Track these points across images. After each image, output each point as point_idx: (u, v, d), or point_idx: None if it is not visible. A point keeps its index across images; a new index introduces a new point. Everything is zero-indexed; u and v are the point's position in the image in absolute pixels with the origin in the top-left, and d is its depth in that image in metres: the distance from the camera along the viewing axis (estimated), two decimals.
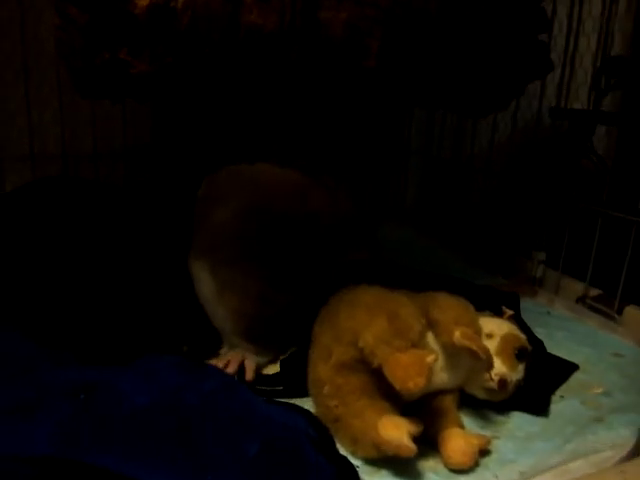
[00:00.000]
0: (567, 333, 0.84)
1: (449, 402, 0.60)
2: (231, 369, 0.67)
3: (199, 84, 0.65)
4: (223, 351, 0.74)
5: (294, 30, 0.62)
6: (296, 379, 0.66)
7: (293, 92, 0.71)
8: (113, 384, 0.56)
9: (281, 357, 0.74)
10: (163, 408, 0.53)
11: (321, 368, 0.59)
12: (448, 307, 0.60)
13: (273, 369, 0.72)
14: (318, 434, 0.56)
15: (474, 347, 0.56)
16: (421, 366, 0.51)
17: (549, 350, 0.77)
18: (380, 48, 0.65)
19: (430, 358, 0.52)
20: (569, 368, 0.73)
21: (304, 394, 0.64)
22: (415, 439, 0.52)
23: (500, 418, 0.64)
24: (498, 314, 0.69)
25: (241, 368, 0.69)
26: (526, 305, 0.91)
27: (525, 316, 0.84)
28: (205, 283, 0.72)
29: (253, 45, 0.61)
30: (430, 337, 0.59)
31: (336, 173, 0.92)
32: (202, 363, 0.64)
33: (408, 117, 1.21)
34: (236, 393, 0.58)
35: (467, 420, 0.62)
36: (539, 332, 0.80)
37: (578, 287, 0.92)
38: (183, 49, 0.60)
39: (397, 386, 0.51)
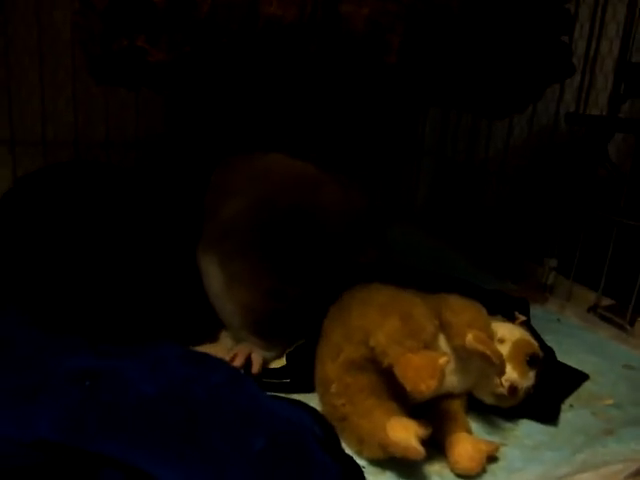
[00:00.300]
0: (577, 342, 0.83)
1: (457, 406, 0.59)
2: (238, 362, 0.67)
3: (216, 74, 0.64)
4: (223, 335, 0.74)
5: (314, 23, 0.61)
6: (302, 372, 0.66)
7: (310, 85, 0.70)
8: (119, 372, 0.56)
9: (287, 350, 0.74)
10: (170, 399, 0.53)
11: (329, 366, 0.58)
12: (461, 310, 0.59)
13: (279, 363, 0.72)
14: (323, 432, 0.56)
15: (487, 351, 0.55)
16: (433, 368, 0.50)
17: (559, 358, 0.75)
18: (401, 44, 0.64)
19: (442, 360, 0.51)
20: (579, 377, 0.72)
21: (310, 388, 0.64)
22: (422, 442, 0.51)
23: (508, 425, 0.63)
24: (509, 319, 0.68)
25: (248, 361, 0.68)
26: (535, 312, 0.89)
27: (534, 323, 0.82)
28: (214, 277, 0.72)
29: (272, 36, 0.60)
30: (442, 339, 0.58)
31: (348, 169, 0.91)
32: (208, 355, 0.63)
33: (422, 116, 1.20)
34: (242, 387, 0.57)
35: (474, 425, 0.61)
36: (548, 339, 0.79)
37: (590, 296, 0.91)
38: (201, 38, 0.59)
39: (408, 387, 0.50)
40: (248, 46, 0.60)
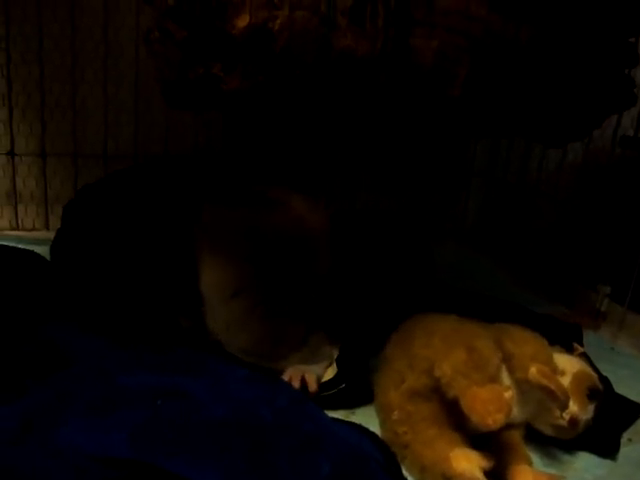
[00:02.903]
0: (633, 372, 0.82)
1: (517, 437, 0.59)
2: (295, 385, 0.68)
3: (287, 101, 0.66)
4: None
5: (385, 55, 0.62)
6: (356, 376, 0.68)
7: (374, 114, 0.71)
8: (188, 392, 0.58)
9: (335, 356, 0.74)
10: (238, 421, 0.54)
11: (392, 393, 0.59)
12: (523, 342, 0.60)
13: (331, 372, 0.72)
14: (384, 459, 0.57)
15: (552, 386, 0.55)
16: (500, 402, 0.51)
17: (614, 389, 0.75)
18: (466, 77, 0.65)
19: (508, 394, 0.52)
20: (636, 410, 0.72)
21: (368, 395, 0.65)
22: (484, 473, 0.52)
23: (566, 457, 0.63)
24: (564, 346, 0.68)
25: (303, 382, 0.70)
26: (588, 339, 0.88)
27: (587, 351, 0.81)
28: (228, 344, 0.72)
29: (344, 68, 0.62)
30: (503, 371, 0.58)
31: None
32: (271, 376, 0.65)
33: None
34: (306, 410, 0.59)
35: (533, 457, 0.61)
36: (603, 369, 0.78)
37: None
38: (276, 69, 0.61)
39: (475, 420, 0.51)
40: (320, 76, 0.62)
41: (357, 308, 0.79)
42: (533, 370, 0.56)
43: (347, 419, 0.64)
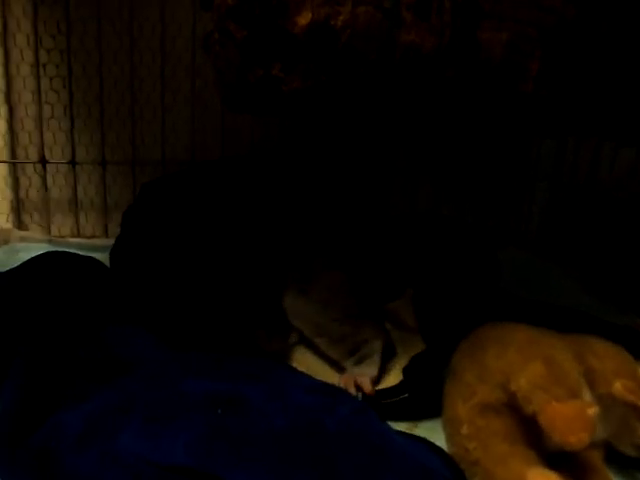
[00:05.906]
0: None
1: (598, 457, 0.55)
2: (351, 391, 0.66)
3: (349, 101, 0.64)
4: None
5: (452, 50, 0.60)
6: (420, 385, 0.65)
7: (440, 112, 0.69)
8: (250, 401, 0.56)
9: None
10: (300, 431, 0.52)
11: (460, 406, 0.56)
12: (606, 356, 0.55)
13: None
14: (452, 475, 0.54)
15: (639, 403, 0.51)
16: (584, 420, 0.47)
17: None
18: (539, 71, 0.62)
19: (592, 411, 0.48)
20: None
21: (433, 405, 0.62)
22: None
23: None
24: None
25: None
26: None
27: None
28: None
29: (409, 64, 0.60)
30: (584, 386, 0.54)
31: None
32: (332, 385, 0.62)
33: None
34: (369, 420, 0.56)
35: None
36: None
37: None
38: (338, 67, 0.59)
39: (557, 439, 0.47)
40: (385, 74, 0.60)
41: (427, 317, 0.77)
42: (618, 385, 0.52)
43: (410, 432, 0.61)
